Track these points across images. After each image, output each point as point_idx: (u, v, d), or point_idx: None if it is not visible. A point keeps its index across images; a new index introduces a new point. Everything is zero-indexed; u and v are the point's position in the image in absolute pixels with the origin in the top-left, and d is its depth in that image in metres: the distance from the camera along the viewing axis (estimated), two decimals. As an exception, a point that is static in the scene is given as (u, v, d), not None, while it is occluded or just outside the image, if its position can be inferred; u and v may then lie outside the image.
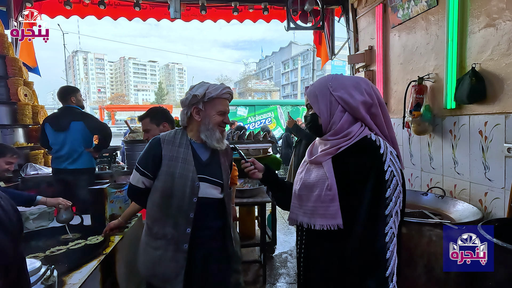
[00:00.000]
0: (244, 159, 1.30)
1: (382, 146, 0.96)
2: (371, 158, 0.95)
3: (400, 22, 2.82)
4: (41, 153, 3.55)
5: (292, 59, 43.98)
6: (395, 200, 0.92)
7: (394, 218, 0.91)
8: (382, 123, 1.04)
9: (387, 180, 0.92)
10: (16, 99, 3.30)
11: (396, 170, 0.94)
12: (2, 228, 0.50)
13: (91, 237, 1.89)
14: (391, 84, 3.08)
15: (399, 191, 0.93)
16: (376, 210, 0.92)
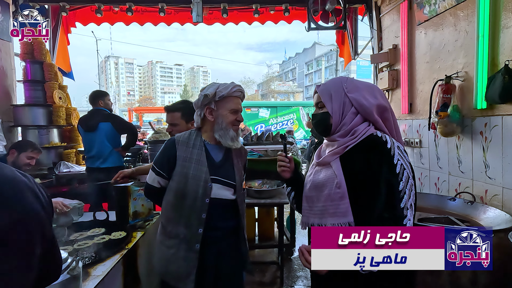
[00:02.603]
0: (285, 152, 1.25)
1: (389, 141, 0.98)
2: (380, 153, 0.96)
3: (426, 19, 2.70)
4: (73, 152, 3.80)
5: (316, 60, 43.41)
6: (408, 192, 0.93)
7: (410, 210, 0.92)
8: (392, 127, 1.06)
9: (398, 173, 0.93)
10: (51, 101, 3.55)
11: (405, 163, 0.95)
12: (39, 201, 0.60)
13: (115, 233, 1.99)
14: (416, 84, 2.95)
15: (411, 183, 0.94)
16: (392, 204, 0.92)
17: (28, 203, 0.58)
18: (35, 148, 2.24)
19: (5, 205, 0.54)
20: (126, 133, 3.19)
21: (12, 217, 0.55)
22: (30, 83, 3.55)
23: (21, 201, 0.58)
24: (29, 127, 3.46)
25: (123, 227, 2.05)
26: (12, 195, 0.57)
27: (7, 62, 3.43)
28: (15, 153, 2.15)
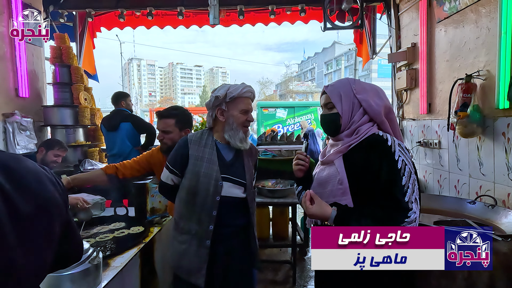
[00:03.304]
0: (306, 151, 1.27)
1: (389, 139, 1.00)
2: (381, 151, 0.98)
3: (446, 16, 2.62)
4: (96, 150, 4.00)
5: (335, 59, 42.71)
6: (412, 187, 0.94)
7: (415, 205, 0.93)
8: (395, 127, 1.09)
9: (400, 169, 0.95)
10: (77, 102, 3.76)
11: (406, 160, 0.97)
12: (56, 189, 0.70)
13: (134, 227, 2.09)
14: (436, 83, 2.86)
15: (414, 179, 0.95)
16: (396, 198, 0.94)
17: (48, 191, 0.68)
18: (61, 146, 2.37)
19: (31, 193, 0.63)
20: (145, 133, 3.32)
21: (37, 203, 0.64)
22: (59, 85, 3.78)
23: (43, 190, 0.67)
24: (57, 126, 3.69)
25: (141, 222, 2.16)
26: (36, 185, 0.66)
27: (38, 66, 3.68)
28: (43, 151, 2.29)
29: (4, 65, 3.12)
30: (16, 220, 0.60)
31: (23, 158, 0.71)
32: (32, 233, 0.63)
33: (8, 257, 0.58)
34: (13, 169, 0.64)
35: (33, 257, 0.64)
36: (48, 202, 0.67)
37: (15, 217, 0.60)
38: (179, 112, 1.82)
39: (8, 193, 0.59)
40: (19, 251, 0.60)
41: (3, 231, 0.57)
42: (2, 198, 0.58)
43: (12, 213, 0.59)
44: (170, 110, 1.83)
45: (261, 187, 2.71)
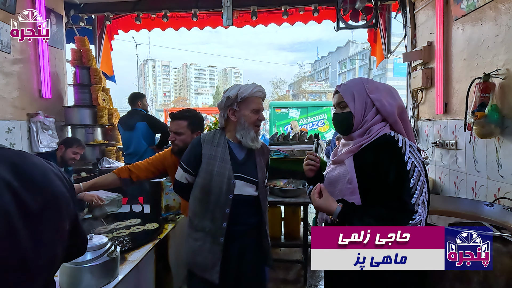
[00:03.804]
0: (316, 151, 1.30)
1: (401, 140, 0.99)
2: (391, 151, 0.98)
3: (464, 14, 2.56)
4: (113, 149, 4.13)
5: (350, 58, 42.09)
6: (420, 189, 0.93)
7: (422, 207, 0.92)
8: (408, 127, 1.08)
9: (409, 171, 0.94)
10: (96, 103, 3.91)
11: (417, 161, 0.96)
12: (63, 184, 0.71)
13: (149, 224, 2.16)
14: (452, 83, 2.80)
15: (423, 181, 0.94)
16: (403, 199, 0.93)
17: (56, 186, 0.69)
18: (79, 144, 2.45)
19: (38, 189, 0.65)
20: (160, 133, 3.40)
21: (45, 199, 0.65)
22: (79, 87, 3.94)
23: (50, 185, 0.68)
24: (77, 126, 3.83)
25: (156, 219, 2.23)
26: (43, 181, 0.67)
27: (60, 68, 3.84)
28: (63, 149, 2.37)
29: (29, 67, 3.28)
30: (26, 216, 0.61)
31: (28, 154, 0.71)
32: (41, 228, 0.64)
33: (20, 252, 0.60)
34: (19, 165, 0.65)
35: (44, 252, 0.65)
36: (56, 198, 0.68)
37: (25, 213, 0.61)
38: (192, 114, 1.87)
39: (16, 190, 0.60)
40: (30, 246, 0.61)
41: (14, 227, 0.58)
42: (11, 195, 0.59)
43: (22, 210, 0.60)
44: (183, 112, 1.90)
45: (272, 186, 2.73)
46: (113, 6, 4.17)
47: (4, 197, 0.58)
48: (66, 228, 0.72)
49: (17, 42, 3.10)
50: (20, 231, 0.59)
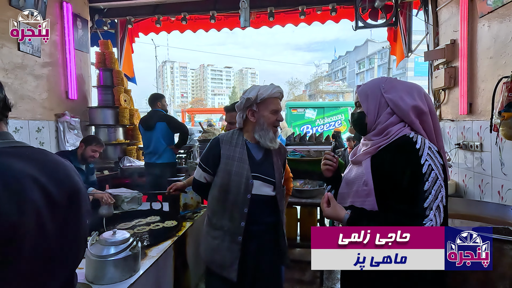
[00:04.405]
0: (334, 151, 1.30)
1: (419, 142, 0.96)
2: (407, 153, 0.95)
3: (490, 10, 2.46)
4: (134, 148, 4.27)
5: (368, 58, 41.19)
6: (435, 193, 0.90)
7: (435, 212, 0.89)
8: (431, 130, 1.03)
9: (424, 174, 0.91)
10: (118, 104, 4.06)
11: (435, 165, 0.92)
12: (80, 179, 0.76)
13: (168, 221, 2.22)
14: (477, 82, 2.69)
15: (440, 185, 0.91)
16: (414, 202, 0.91)
17: (76, 182, 0.74)
18: (98, 142, 2.51)
19: (62, 185, 0.69)
20: (179, 132, 3.48)
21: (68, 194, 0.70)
22: (102, 88, 4.10)
23: (72, 181, 0.72)
24: (100, 126, 4.00)
25: (174, 216, 2.29)
26: (65, 177, 0.71)
27: (85, 71, 4.02)
28: (83, 146, 2.46)
29: (57, 70, 3.46)
30: (53, 210, 0.65)
31: (48, 151, 0.75)
32: (66, 221, 0.68)
33: (48, 244, 0.64)
34: (43, 162, 0.69)
35: (69, 244, 0.70)
36: (77, 193, 0.73)
37: (52, 207, 0.65)
38: None
39: (44, 185, 0.64)
40: (56, 238, 0.65)
41: (42, 221, 0.62)
42: (40, 190, 0.63)
43: (49, 204, 0.64)
44: (234, 105, 2.03)
45: (289, 187, 2.73)
46: (135, 10, 4.32)
47: (34, 193, 0.62)
48: (86, 222, 0.76)
49: (46, 46, 3.28)
50: (48, 224, 0.63)
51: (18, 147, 0.68)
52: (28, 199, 0.60)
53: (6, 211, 0.56)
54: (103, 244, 1.43)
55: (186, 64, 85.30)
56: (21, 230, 0.57)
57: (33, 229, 0.60)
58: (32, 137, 3.07)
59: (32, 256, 0.60)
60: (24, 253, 0.58)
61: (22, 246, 0.58)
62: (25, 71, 3.02)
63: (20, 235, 0.57)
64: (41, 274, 0.64)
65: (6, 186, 0.57)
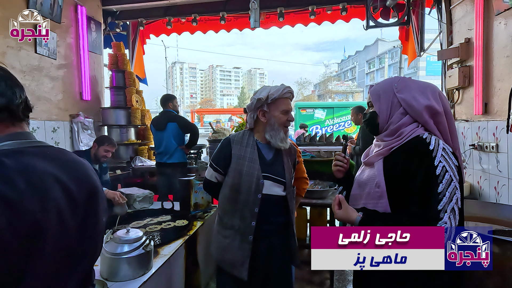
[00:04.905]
0: (344, 152, 1.28)
1: (433, 143, 0.94)
2: (420, 155, 0.94)
3: (507, 8, 2.39)
4: (146, 148, 4.33)
5: (378, 57, 40.65)
6: (449, 196, 0.88)
7: (450, 215, 0.87)
8: (446, 130, 1.00)
9: (438, 175, 0.90)
10: (130, 104, 4.13)
11: (449, 166, 0.90)
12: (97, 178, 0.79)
13: (179, 220, 2.25)
14: (493, 81, 2.62)
15: (454, 187, 0.89)
16: (428, 204, 0.89)
17: (95, 181, 0.76)
18: (111, 142, 2.56)
19: (82, 183, 0.72)
20: (189, 133, 3.52)
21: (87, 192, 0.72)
22: (115, 89, 4.18)
23: (90, 179, 0.75)
24: (113, 126, 4.07)
25: (185, 216, 2.31)
26: (84, 176, 0.74)
27: (98, 72, 4.10)
28: (96, 146, 2.51)
29: (71, 72, 3.55)
30: (73, 207, 0.67)
31: (67, 151, 0.78)
32: (86, 219, 0.71)
33: (69, 240, 0.66)
34: (64, 162, 0.71)
35: (88, 240, 0.72)
36: (96, 191, 0.75)
37: (73, 205, 0.67)
38: None
39: (65, 184, 0.66)
40: (76, 235, 0.68)
41: (63, 218, 0.64)
42: (61, 189, 0.65)
43: (70, 202, 0.66)
44: None
45: (299, 187, 2.72)
46: (147, 12, 4.39)
47: (56, 191, 0.64)
48: (103, 219, 0.79)
49: (62, 48, 3.36)
50: (68, 221, 0.66)
51: (40, 147, 0.70)
52: (51, 197, 0.63)
53: (30, 209, 0.58)
54: (117, 242, 1.46)
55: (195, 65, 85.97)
56: (43, 227, 0.60)
57: (55, 226, 0.62)
58: (48, 137, 3.16)
59: (53, 252, 0.63)
60: (47, 248, 0.61)
61: (44, 242, 0.60)
62: (42, 73, 3.11)
63: (43, 232, 0.60)
64: (62, 269, 0.66)
65: (30, 184, 0.60)
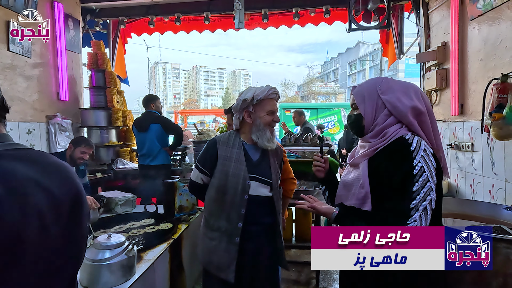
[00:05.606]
0: (322, 154, 1.30)
1: (414, 144, 0.96)
2: (401, 155, 0.95)
3: (480, 14, 2.51)
4: (127, 150, 4.22)
5: (360, 59, 41.66)
6: (423, 195, 0.90)
7: (421, 214, 0.89)
8: (429, 130, 1.02)
9: (415, 175, 0.91)
10: (111, 105, 4.00)
11: (428, 167, 0.92)
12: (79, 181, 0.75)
13: (163, 224, 2.20)
14: (468, 84, 2.75)
15: (430, 187, 0.91)
16: (401, 204, 0.91)
17: (77, 184, 0.73)
18: (88, 144, 2.42)
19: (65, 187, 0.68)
20: (173, 134, 3.45)
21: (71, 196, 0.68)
22: (94, 89, 4.05)
23: (73, 183, 0.71)
24: (93, 127, 3.93)
25: (170, 219, 2.26)
26: (68, 179, 0.70)
27: (76, 71, 3.95)
28: (71, 148, 2.39)
29: (47, 71, 3.39)
30: (56, 212, 0.64)
31: (47, 153, 0.73)
32: (69, 224, 0.67)
33: (52, 247, 0.63)
34: (45, 164, 0.67)
35: (71, 246, 0.69)
36: (79, 195, 0.72)
37: (56, 210, 0.64)
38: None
39: (47, 187, 0.63)
40: (60, 241, 0.65)
41: (46, 223, 0.61)
42: (43, 193, 0.62)
43: (53, 207, 0.63)
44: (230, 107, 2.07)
45: (284, 188, 2.72)
46: (128, 10, 4.28)
47: (37, 196, 0.61)
48: (87, 224, 0.75)
49: (37, 46, 3.22)
50: (51, 227, 0.62)
51: (19, 150, 0.66)
52: (32, 203, 0.59)
53: (10, 216, 0.55)
54: (98, 248, 1.40)
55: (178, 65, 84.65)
56: (24, 234, 0.57)
57: (36, 233, 0.59)
58: (22, 139, 3.00)
59: (34, 260, 0.60)
60: (28, 256, 0.58)
61: (25, 249, 0.57)
62: (15, 72, 2.96)
63: (24, 239, 0.57)
64: (45, 276, 0.63)
65: (10, 190, 0.56)
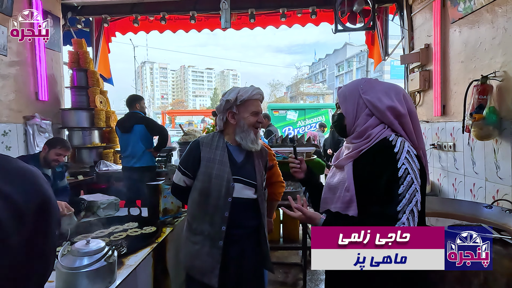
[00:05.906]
0: (295, 155, 1.31)
1: (398, 145, 0.96)
2: (385, 157, 0.95)
3: (461, 17, 2.57)
4: (111, 152, 4.11)
5: (347, 60, 42.32)
6: (409, 197, 0.90)
7: (408, 216, 0.89)
8: (411, 131, 1.02)
9: (400, 177, 0.91)
10: (93, 105, 3.89)
11: (412, 169, 0.92)
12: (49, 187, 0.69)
13: (146, 227, 2.14)
14: (450, 85, 2.81)
15: (415, 189, 0.91)
16: (388, 208, 0.91)
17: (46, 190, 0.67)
18: (64, 145, 2.28)
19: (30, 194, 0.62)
20: (158, 135, 3.39)
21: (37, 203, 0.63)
22: (76, 89, 3.92)
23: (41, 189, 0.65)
24: (74, 128, 3.81)
25: (154, 222, 2.20)
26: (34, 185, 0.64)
27: (57, 71, 3.82)
28: (46, 149, 2.25)
29: (25, 70, 3.26)
30: (19, 222, 0.59)
31: (12, 157, 0.68)
32: (35, 234, 0.62)
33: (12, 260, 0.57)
34: (8, 170, 0.62)
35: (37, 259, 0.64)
36: (47, 202, 0.67)
37: (18, 219, 0.58)
38: None
39: (8, 195, 0.58)
40: (22, 253, 0.59)
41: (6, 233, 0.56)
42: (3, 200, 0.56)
43: (14, 216, 0.58)
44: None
45: (271, 189, 2.71)
46: (111, 8, 4.17)
47: None
48: (56, 233, 0.70)
49: (14, 44, 3.08)
50: (11, 238, 0.57)
51: None
52: None
53: None
54: (76, 255, 1.34)
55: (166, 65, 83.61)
56: None
57: None
58: (-2, 141, 2.87)
59: None
60: None
61: None
62: (-11, 70, 2.83)
63: None
64: None
65: None
